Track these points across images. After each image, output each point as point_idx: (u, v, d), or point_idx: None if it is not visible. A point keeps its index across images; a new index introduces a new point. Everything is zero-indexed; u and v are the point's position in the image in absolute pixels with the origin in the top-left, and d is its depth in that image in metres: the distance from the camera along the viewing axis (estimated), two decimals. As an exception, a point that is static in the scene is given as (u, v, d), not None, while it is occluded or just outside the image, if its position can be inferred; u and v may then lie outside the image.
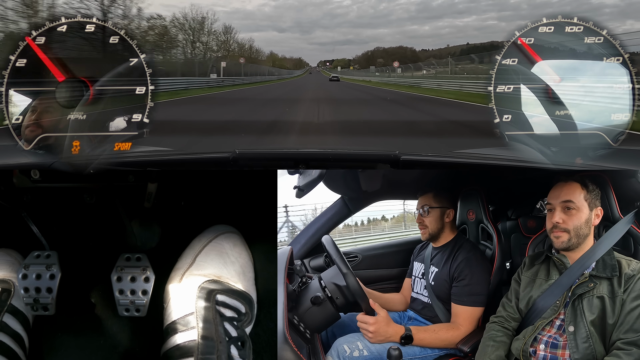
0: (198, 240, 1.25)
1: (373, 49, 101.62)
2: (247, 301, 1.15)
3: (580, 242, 1.17)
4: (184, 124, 7.42)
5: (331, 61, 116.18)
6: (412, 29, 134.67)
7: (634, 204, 1.23)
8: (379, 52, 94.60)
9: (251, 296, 1.18)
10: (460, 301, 1.46)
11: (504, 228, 1.86)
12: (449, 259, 1.56)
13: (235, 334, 1.07)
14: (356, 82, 39.96)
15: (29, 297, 1.07)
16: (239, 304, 1.13)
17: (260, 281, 1.27)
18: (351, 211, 2.08)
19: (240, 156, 1.17)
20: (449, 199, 1.66)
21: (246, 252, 1.27)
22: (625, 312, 1.05)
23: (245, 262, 1.24)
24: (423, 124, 8.61)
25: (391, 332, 1.36)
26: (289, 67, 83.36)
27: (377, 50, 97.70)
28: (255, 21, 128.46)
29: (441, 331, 1.42)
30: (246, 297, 1.16)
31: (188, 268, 1.16)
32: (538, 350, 1.12)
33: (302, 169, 1.36)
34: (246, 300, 1.15)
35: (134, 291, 1.08)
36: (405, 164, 1.18)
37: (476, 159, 1.33)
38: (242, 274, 1.21)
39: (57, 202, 1.26)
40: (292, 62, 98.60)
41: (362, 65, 79.19)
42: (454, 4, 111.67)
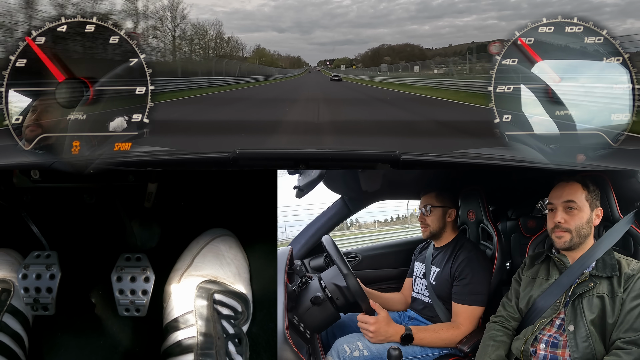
0: (195, 243, 1.27)
1: (378, 46, 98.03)
2: (243, 300, 1.18)
3: (582, 242, 1.18)
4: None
5: (332, 60, 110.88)
6: (412, 28, 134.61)
7: (634, 204, 1.24)
8: (385, 50, 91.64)
9: (247, 296, 1.21)
10: (460, 300, 1.46)
11: (504, 228, 1.86)
12: (450, 258, 1.56)
13: (232, 331, 1.09)
14: (360, 82, 36.85)
15: (29, 297, 1.07)
16: (235, 303, 1.16)
17: (260, 281, 1.27)
18: (351, 211, 2.08)
19: (240, 156, 1.17)
20: (451, 199, 1.67)
21: (241, 254, 1.30)
22: (625, 312, 1.05)
23: (241, 263, 1.27)
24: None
25: (391, 331, 1.37)
26: (282, 66, 75.95)
27: (383, 48, 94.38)
28: (254, 21, 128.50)
29: (441, 330, 1.42)
30: (242, 296, 1.19)
31: (186, 269, 1.19)
32: (538, 349, 1.12)
33: (302, 169, 1.36)
34: (242, 299, 1.18)
35: (134, 291, 1.08)
36: (405, 164, 1.18)
37: (476, 159, 1.33)
38: (237, 274, 1.24)
39: (57, 202, 1.26)
40: (288, 61, 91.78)
41: (366, 64, 74.76)
42: (454, 3, 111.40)
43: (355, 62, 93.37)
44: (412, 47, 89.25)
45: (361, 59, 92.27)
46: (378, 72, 51.39)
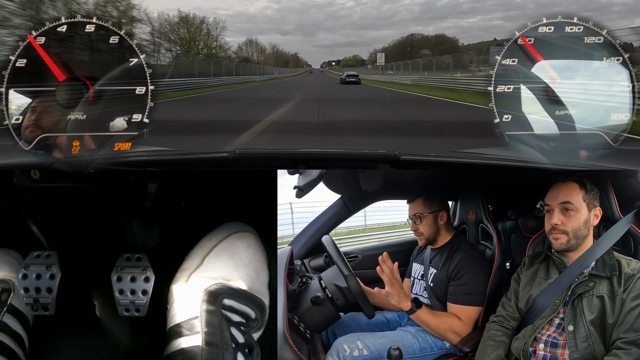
0: (208, 239, 1.19)
1: (407, 36, 67.08)
2: (257, 306, 1.10)
3: (579, 243, 1.17)
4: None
5: (337, 61, 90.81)
6: (415, 29, 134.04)
7: (634, 204, 1.24)
8: (419, 41, 61.56)
9: (263, 300, 1.13)
10: (455, 300, 1.46)
11: (504, 228, 1.86)
12: (447, 260, 1.56)
13: (242, 340, 1.02)
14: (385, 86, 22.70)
15: (29, 297, 1.07)
16: (247, 309, 1.09)
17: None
18: (351, 211, 2.08)
19: (240, 156, 1.17)
20: (440, 201, 1.64)
21: (261, 253, 1.22)
22: (625, 312, 1.05)
23: (260, 264, 1.19)
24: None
25: (407, 293, 1.40)
26: (268, 64, 55.21)
27: (415, 39, 63.21)
28: (257, 24, 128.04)
29: (444, 316, 1.44)
30: (257, 301, 1.11)
31: (195, 269, 1.12)
32: (538, 349, 1.12)
33: (302, 169, 1.36)
34: (257, 305, 1.10)
35: (134, 291, 1.07)
36: (405, 164, 1.18)
37: (476, 159, 1.33)
38: (255, 277, 1.15)
39: (57, 202, 1.26)
40: (278, 58, 67.54)
41: (392, 58, 47.12)
42: (459, 4, 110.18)
43: (370, 60, 65.62)
44: (447, 40, 61.91)
45: (389, 53, 57.92)
46: (387, 72, 37.93)
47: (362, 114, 10.22)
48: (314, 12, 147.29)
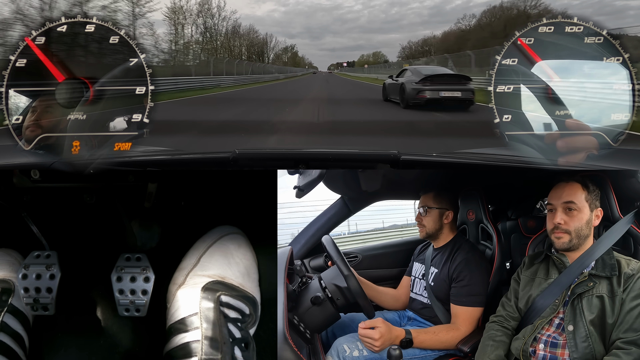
0: (202, 241, 1.24)
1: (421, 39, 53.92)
2: (251, 302, 1.15)
3: (581, 242, 1.17)
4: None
5: (352, 63, 78.54)
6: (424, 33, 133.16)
7: (634, 204, 1.24)
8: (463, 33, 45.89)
9: (255, 297, 1.18)
10: (459, 302, 1.46)
11: (504, 228, 1.86)
12: (448, 260, 1.56)
13: (239, 335, 1.06)
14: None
15: (29, 297, 1.07)
16: (243, 305, 1.13)
17: (261, 281, 1.27)
18: (351, 211, 2.08)
19: (240, 156, 1.17)
20: (450, 200, 1.66)
21: (251, 253, 1.27)
22: (624, 312, 1.05)
23: (250, 263, 1.24)
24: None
25: (393, 337, 1.35)
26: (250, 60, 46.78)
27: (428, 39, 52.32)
28: (264, 27, 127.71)
29: (441, 333, 1.42)
30: (250, 298, 1.16)
31: (192, 269, 1.16)
32: (538, 349, 1.12)
33: (302, 169, 1.36)
34: (250, 301, 1.15)
35: (134, 291, 1.08)
36: (405, 164, 1.18)
37: (476, 159, 1.33)
38: (246, 275, 1.20)
39: (57, 202, 1.26)
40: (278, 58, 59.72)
41: (441, 51, 37.32)
42: (469, 7, 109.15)
43: (404, 57, 52.41)
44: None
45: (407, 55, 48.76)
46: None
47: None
48: (321, 15, 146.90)
